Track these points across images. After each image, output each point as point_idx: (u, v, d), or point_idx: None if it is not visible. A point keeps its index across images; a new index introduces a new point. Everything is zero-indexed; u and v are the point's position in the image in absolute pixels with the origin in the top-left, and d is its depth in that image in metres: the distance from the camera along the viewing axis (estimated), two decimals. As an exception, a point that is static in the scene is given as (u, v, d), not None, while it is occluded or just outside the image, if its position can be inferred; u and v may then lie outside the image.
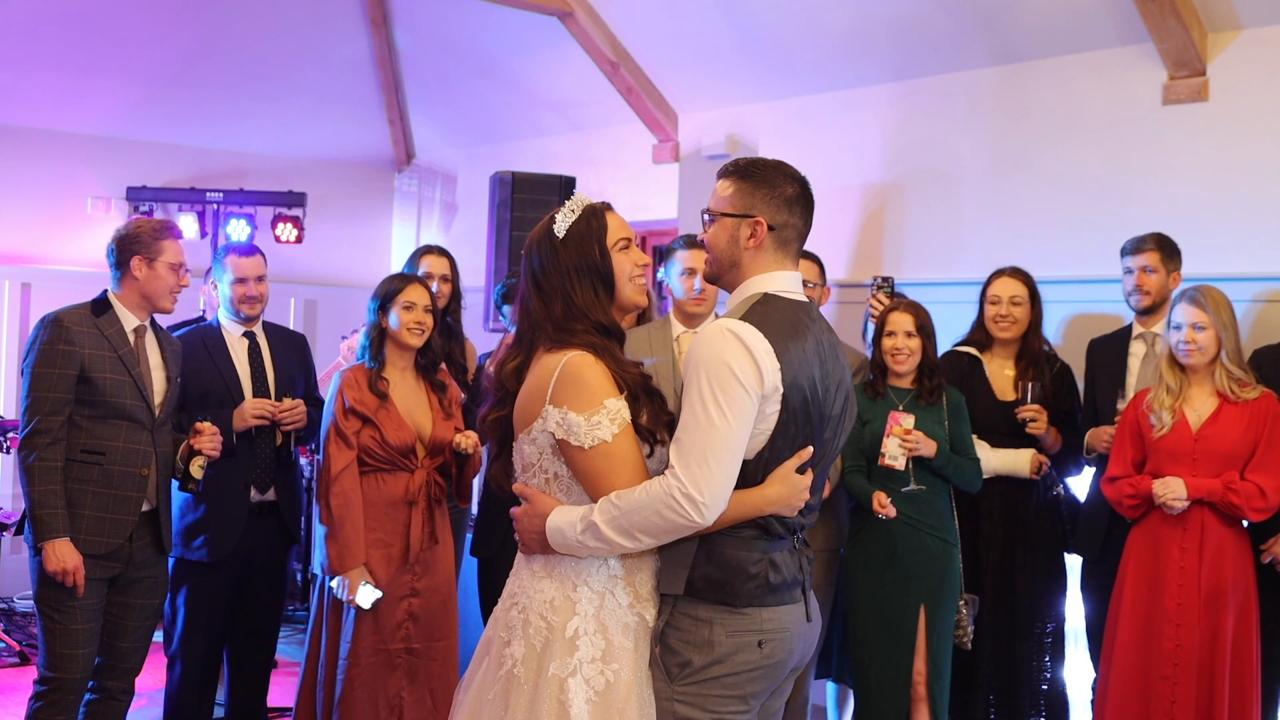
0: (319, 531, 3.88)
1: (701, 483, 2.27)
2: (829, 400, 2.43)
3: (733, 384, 2.28)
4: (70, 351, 3.48)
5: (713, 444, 2.28)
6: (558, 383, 2.38)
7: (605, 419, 2.34)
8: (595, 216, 2.52)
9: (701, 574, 2.38)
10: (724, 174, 2.52)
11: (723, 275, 2.53)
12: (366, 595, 3.73)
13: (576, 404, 2.35)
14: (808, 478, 2.40)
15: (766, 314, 2.39)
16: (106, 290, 3.68)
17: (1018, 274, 4.34)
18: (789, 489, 2.38)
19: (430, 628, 3.84)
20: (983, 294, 4.38)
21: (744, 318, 2.37)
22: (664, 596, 2.42)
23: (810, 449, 2.40)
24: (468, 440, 3.88)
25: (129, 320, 3.63)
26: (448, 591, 3.92)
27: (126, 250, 3.63)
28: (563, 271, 2.48)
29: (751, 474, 2.37)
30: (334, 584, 3.77)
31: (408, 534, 3.81)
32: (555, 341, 2.43)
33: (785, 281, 2.47)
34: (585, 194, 2.63)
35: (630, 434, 2.37)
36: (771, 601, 2.40)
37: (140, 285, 3.63)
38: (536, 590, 2.43)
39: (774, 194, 2.46)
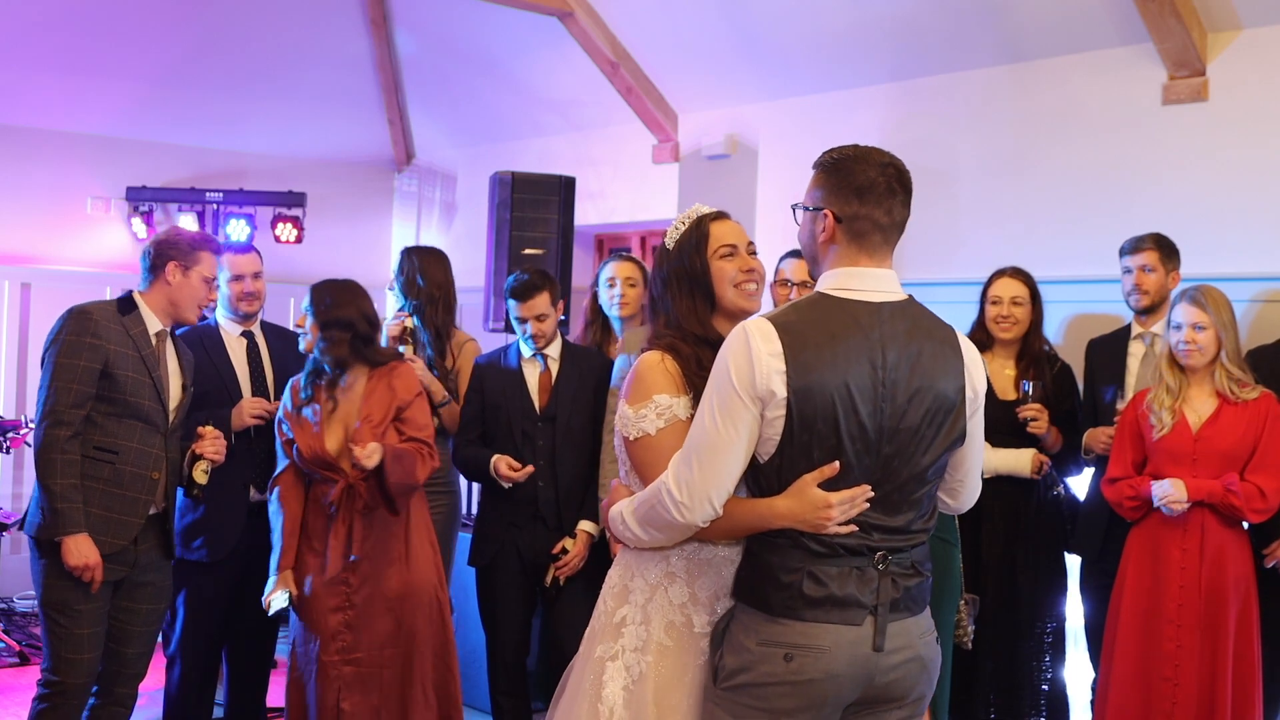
0: None
1: (682, 481, 2.25)
2: (881, 413, 2.23)
3: (726, 384, 2.23)
4: (97, 345, 3.46)
5: (698, 444, 2.25)
6: (627, 380, 2.48)
7: (652, 412, 2.39)
8: (700, 225, 2.56)
9: (741, 574, 2.35)
10: (814, 166, 2.40)
11: (813, 272, 2.44)
12: (276, 601, 3.75)
13: (631, 397, 2.43)
14: (835, 495, 2.21)
15: (802, 313, 2.28)
16: (131, 291, 3.68)
17: (1018, 274, 4.34)
18: (803, 505, 2.22)
19: (375, 638, 3.73)
20: (983, 294, 4.38)
21: (776, 315, 2.28)
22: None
23: (836, 465, 2.22)
24: (359, 452, 3.63)
25: (153, 323, 3.63)
26: (398, 602, 3.76)
27: (164, 255, 3.64)
28: (666, 282, 2.55)
29: (767, 482, 2.28)
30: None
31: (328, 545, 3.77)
32: (646, 348, 2.51)
33: (852, 279, 2.30)
34: (703, 204, 2.65)
35: (680, 432, 2.37)
36: (810, 616, 2.24)
37: (171, 291, 3.64)
38: (609, 578, 2.53)
39: (843, 183, 2.30)
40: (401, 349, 4.32)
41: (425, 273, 4.51)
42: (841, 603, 2.24)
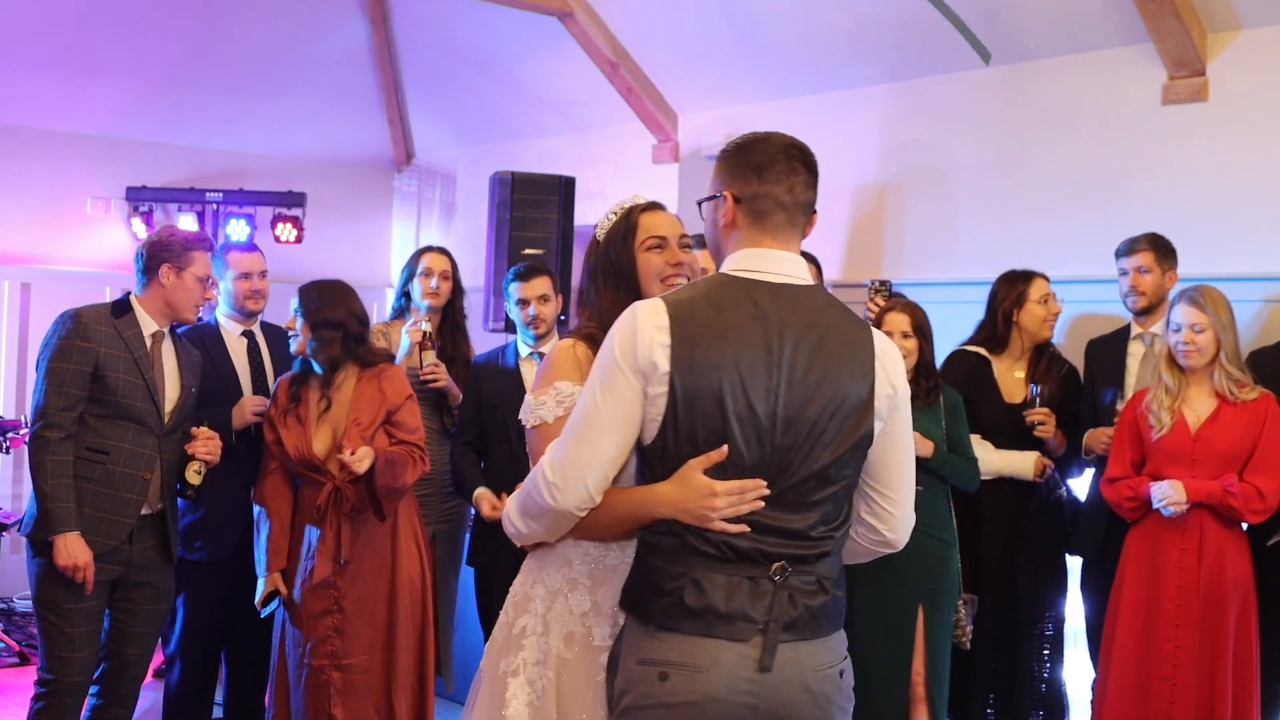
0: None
1: (556, 459, 2.10)
2: (775, 397, 2.07)
3: (608, 357, 2.09)
4: (86, 348, 3.48)
5: (577, 420, 2.11)
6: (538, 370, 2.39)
7: (551, 399, 2.28)
8: (629, 216, 2.47)
9: (629, 582, 2.17)
10: (715, 158, 2.31)
11: (719, 265, 2.26)
12: (267, 602, 3.76)
13: (537, 385, 2.33)
14: (721, 484, 2.04)
15: (697, 290, 2.15)
16: (129, 293, 3.69)
17: (1043, 275, 4.38)
18: (685, 492, 2.05)
19: (364, 642, 3.73)
20: (1019, 295, 4.33)
21: (671, 293, 2.18)
22: None
23: (724, 450, 2.05)
24: (349, 458, 3.61)
25: (148, 325, 3.64)
26: (386, 605, 3.77)
27: (157, 257, 3.64)
28: (592, 274, 2.45)
29: (652, 470, 2.12)
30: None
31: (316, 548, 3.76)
32: (563, 337, 2.42)
33: (752, 259, 2.16)
34: (641, 195, 2.58)
35: None
36: (690, 629, 2.05)
37: (166, 293, 3.64)
38: (512, 587, 2.38)
39: (742, 163, 2.19)
40: (425, 360, 4.28)
41: (452, 268, 4.58)
42: (726, 616, 2.05)
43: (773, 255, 2.17)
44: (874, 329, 2.23)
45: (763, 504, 2.07)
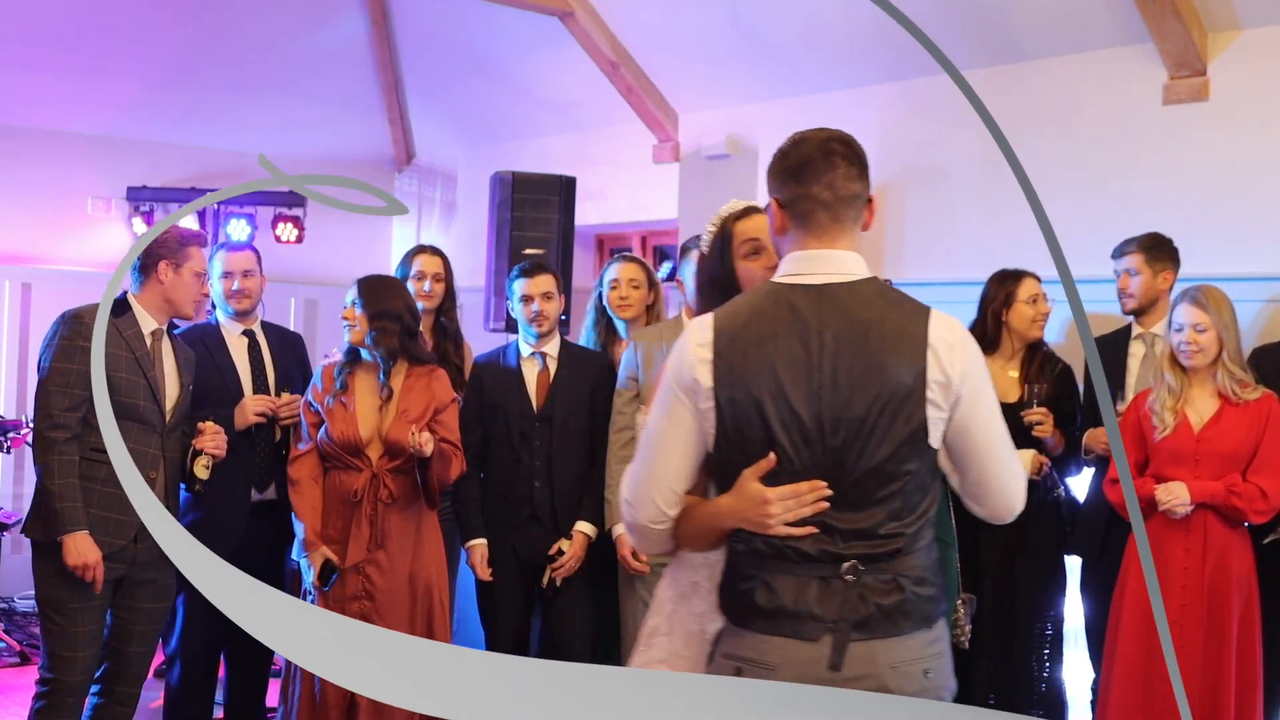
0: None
1: (630, 478, 2.21)
2: (819, 400, 2.06)
3: (665, 379, 2.17)
4: (89, 348, 3.46)
5: (643, 441, 2.22)
6: None
7: None
8: (725, 225, 2.49)
9: (721, 580, 2.24)
10: None
11: None
12: (326, 577, 3.74)
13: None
14: (774, 491, 2.06)
15: (744, 300, 2.18)
16: (126, 292, 3.69)
17: (1034, 274, 4.37)
18: (740, 501, 2.09)
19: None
20: (1007, 295, 4.33)
21: (724, 305, 2.20)
22: None
23: (772, 458, 2.07)
24: (420, 437, 3.67)
25: (147, 323, 3.64)
26: (408, 595, 3.81)
27: (154, 254, 3.64)
28: (701, 290, 2.50)
29: (717, 479, 2.18)
30: (301, 566, 3.80)
31: (349, 534, 3.78)
32: None
33: (798, 263, 2.16)
34: (739, 199, 2.56)
35: None
36: (761, 628, 2.10)
37: (165, 290, 3.65)
38: (656, 589, 2.49)
39: (784, 168, 2.18)
40: None
41: (445, 270, 4.57)
42: (795, 615, 2.07)
43: (817, 256, 2.15)
44: (935, 315, 2.17)
45: (827, 505, 2.07)
